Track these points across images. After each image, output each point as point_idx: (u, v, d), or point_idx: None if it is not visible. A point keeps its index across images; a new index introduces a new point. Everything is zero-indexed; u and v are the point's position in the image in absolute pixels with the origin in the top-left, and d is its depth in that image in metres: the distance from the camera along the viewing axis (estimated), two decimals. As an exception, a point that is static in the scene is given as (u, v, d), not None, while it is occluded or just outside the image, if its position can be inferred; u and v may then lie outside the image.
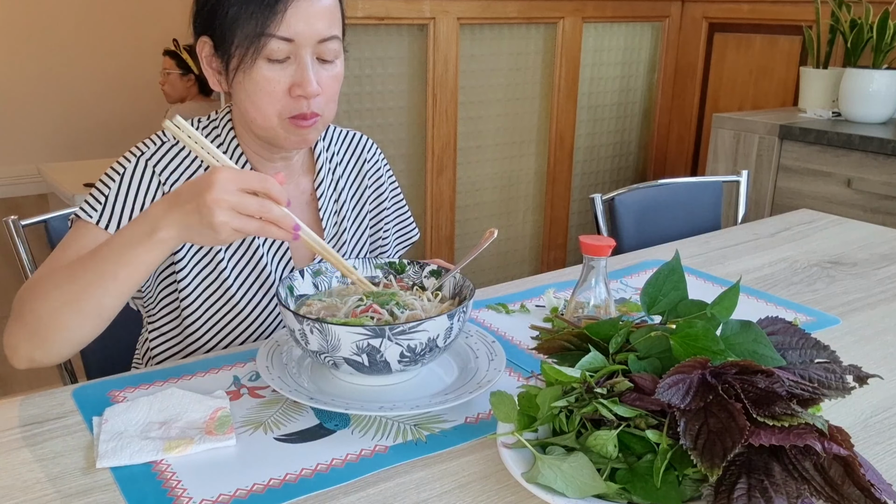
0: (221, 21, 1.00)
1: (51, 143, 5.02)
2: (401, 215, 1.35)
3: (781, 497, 0.63)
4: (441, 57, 2.66)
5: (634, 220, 1.81)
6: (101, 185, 1.06)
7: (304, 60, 1.00)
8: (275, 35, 0.98)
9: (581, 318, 1.05)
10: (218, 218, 0.80)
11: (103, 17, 4.96)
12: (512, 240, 3.13)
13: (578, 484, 0.68)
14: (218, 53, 1.04)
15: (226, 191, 0.80)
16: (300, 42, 0.99)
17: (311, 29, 0.99)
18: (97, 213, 1.03)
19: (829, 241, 1.60)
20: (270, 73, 1.00)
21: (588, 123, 3.17)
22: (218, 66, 1.05)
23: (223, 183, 0.80)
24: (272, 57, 0.99)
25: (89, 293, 0.88)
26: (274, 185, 0.83)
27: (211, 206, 0.80)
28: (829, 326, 1.16)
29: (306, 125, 1.04)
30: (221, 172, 0.81)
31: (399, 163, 2.73)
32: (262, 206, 0.82)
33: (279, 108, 1.02)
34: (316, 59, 1.02)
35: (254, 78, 1.00)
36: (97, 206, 1.04)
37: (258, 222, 0.83)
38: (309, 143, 1.08)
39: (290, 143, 1.06)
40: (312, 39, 1.00)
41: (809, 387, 0.72)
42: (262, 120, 1.03)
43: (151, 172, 1.07)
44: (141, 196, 1.06)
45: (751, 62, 3.06)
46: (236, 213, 0.81)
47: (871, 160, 2.27)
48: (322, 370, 0.97)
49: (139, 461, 0.78)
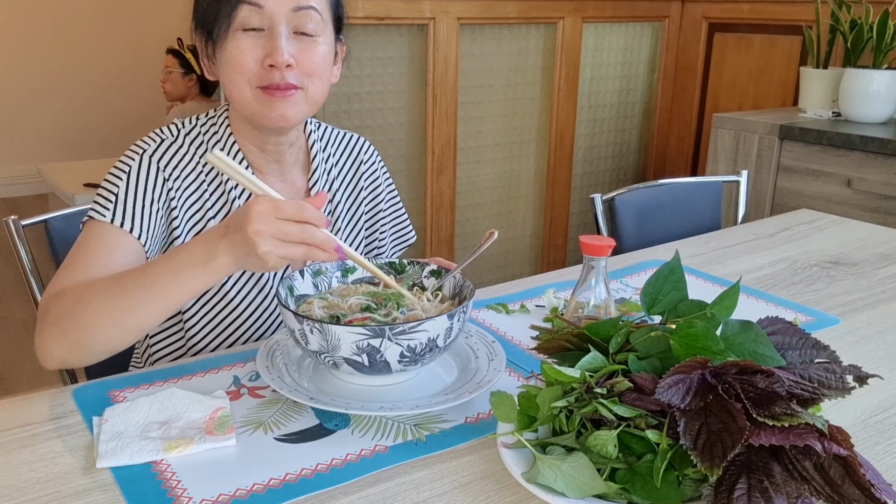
0: (204, 4, 1.02)
1: (51, 143, 5.02)
2: (397, 217, 1.35)
3: (781, 497, 0.63)
4: (441, 57, 2.66)
5: (634, 220, 1.81)
6: (109, 185, 1.06)
7: (276, 30, 1.00)
8: (245, 1, 0.98)
9: (581, 318, 1.05)
10: (262, 248, 0.81)
11: (103, 17, 4.97)
12: (512, 240, 3.13)
13: (578, 484, 0.68)
14: (207, 40, 1.05)
15: (264, 222, 0.81)
16: (271, 9, 0.99)
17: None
18: (110, 213, 1.03)
19: (829, 241, 1.60)
20: (244, 43, 1.00)
21: (588, 123, 3.17)
22: (208, 53, 1.06)
23: (261, 214, 0.81)
24: (246, 26, 1.00)
25: (136, 310, 0.89)
26: (311, 212, 0.83)
27: (253, 238, 0.81)
28: (829, 326, 1.16)
29: (280, 94, 1.02)
30: (258, 204, 0.82)
31: (399, 163, 2.73)
32: (303, 233, 0.82)
33: (250, 77, 1.02)
34: (294, 32, 1.02)
35: (228, 49, 1.01)
36: (108, 206, 1.04)
37: (303, 248, 0.83)
38: (289, 120, 1.05)
39: (268, 119, 1.04)
40: (285, 6, 1.00)
41: (809, 387, 0.72)
42: (237, 92, 1.03)
43: (156, 168, 1.08)
44: (150, 192, 1.06)
45: (751, 62, 3.06)
46: (279, 242, 0.82)
47: (871, 160, 2.27)
48: (322, 370, 0.97)
49: (139, 461, 0.78)
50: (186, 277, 0.87)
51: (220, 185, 1.12)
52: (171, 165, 1.09)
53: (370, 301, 0.96)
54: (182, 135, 1.12)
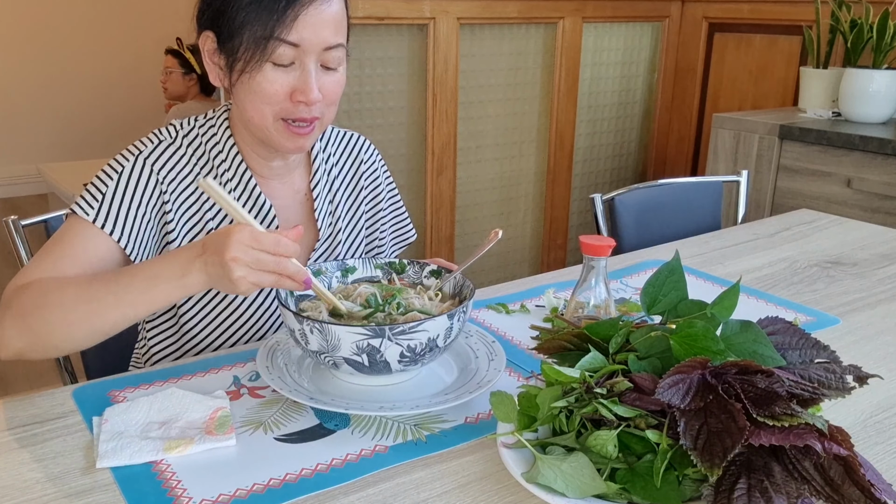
0: (230, 21, 1.01)
1: (51, 143, 5.02)
2: (397, 216, 1.35)
3: (781, 497, 0.63)
4: (441, 57, 2.66)
5: (634, 220, 1.81)
6: (99, 183, 1.05)
7: (308, 67, 1.01)
8: (282, 40, 0.99)
9: (581, 318, 1.05)
10: (236, 274, 0.84)
11: (103, 18, 4.97)
12: (512, 240, 3.13)
13: (578, 484, 0.68)
14: (222, 51, 1.04)
15: (242, 251, 0.84)
16: (306, 48, 1.00)
17: (318, 37, 1.00)
18: (94, 211, 1.03)
19: (829, 241, 1.60)
20: (274, 76, 1.01)
21: (588, 123, 3.17)
22: (220, 62, 1.05)
23: (240, 243, 0.84)
24: (277, 61, 1.00)
25: (104, 316, 0.91)
26: (286, 247, 0.86)
27: (230, 264, 0.84)
28: (829, 326, 1.16)
29: (304, 132, 1.04)
30: (239, 233, 0.84)
31: (399, 163, 2.73)
32: (277, 264, 0.86)
33: (277, 109, 1.03)
34: (319, 66, 1.03)
35: (257, 80, 1.01)
36: (94, 204, 1.03)
37: (274, 276, 0.86)
38: (305, 149, 1.08)
39: (285, 148, 1.07)
40: (318, 47, 1.01)
41: (809, 387, 0.72)
42: (259, 120, 1.04)
43: (150, 171, 1.07)
44: (138, 196, 1.06)
45: (751, 62, 3.06)
46: (253, 270, 0.85)
47: (871, 160, 2.27)
48: (322, 370, 0.97)
49: (139, 461, 0.78)
50: (158, 289, 0.89)
51: (219, 186, 1.11)
52: (167, 169, 1.08)
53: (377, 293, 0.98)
54: (180, 137, 1.11)
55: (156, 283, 0.89)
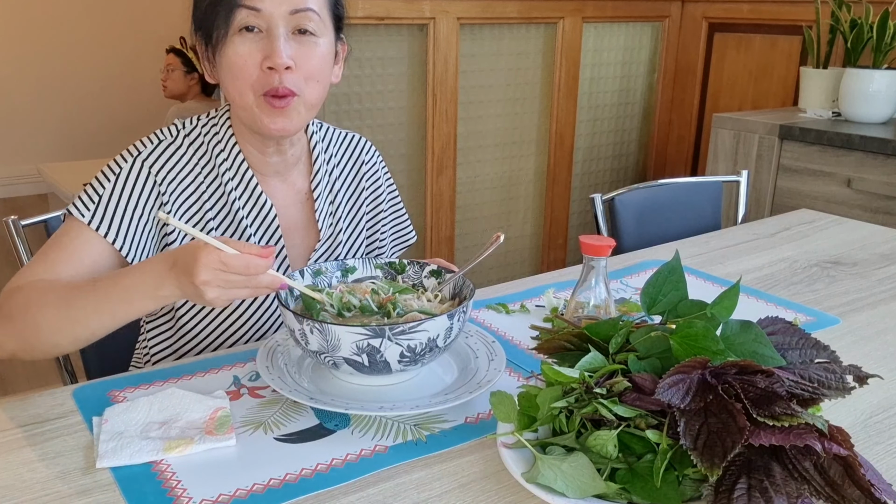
0: (203, 6, 1.03)
1: (51, 143, 5.02)
2: (398, 217, 1.35)
3: (781, 497, 0.63)
4: (441, 57, 2.66)
5: (634, 220, 1.81)
6: (97, 184, 1.06)
7: (275, 32, 1.01)
8: (243, 5, 0.99)
9: (581, 318, 1.05)
10: (209, 295, 0.85)
11: (104, 17, 4.96)
12: (512, 240, 3.13)
13: (578, 484, 0.68)
14: (206, 43, 1.05)
15: (212, 275, 0.84)
16: (269, 11, 1.00)
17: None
18: (90, 214, 1.03)
19: (829, 241, 1.60)
20: (242, 46, 1.01)
21: (588, 123, 3.17)
22: (208, 56, 1.06)
23: (207, 266, 0.83)
24: (243, 25, 1.00)
25: (84, 323, 0.92)
26: (258, 266, 0.85)
27: (201, 287, 0.84)
28: (829, 326, 1.16)
29: (280, 105, 1.03)
30: (206, 257, 0.83)
31: (399, 163, 2.73)
32: (248, 280, 0.86)
33: (252, 82, 1.02)
34: (293, 32, 1.02)
35: (227, 54, 1.02)
36: (90, 206, 1.04)
37: (248, 290, 0.87)
38: (290, 129, 1.06)
39: (268, 130, 1.05)
40: (282, 8, 1.00)
41: (809, 387, 0.72)
42: (239, 98, 1.04)
43: (147, 173, 1.07)
44: (135, 199, 1.06)
45: (751, 62, 3.06)
46: (224, 289, 0.85)
47: (871, 160, 2.27)
48: (322, 370, 0.97)
49: (139, 461, 0.78)
50: (134, 300, 0.90)
51: (220, 185, 1.11)
52: (166, 170, 1.08)
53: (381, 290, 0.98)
54: (182, 136, 1.11)
55: (131, 295, 0.90)
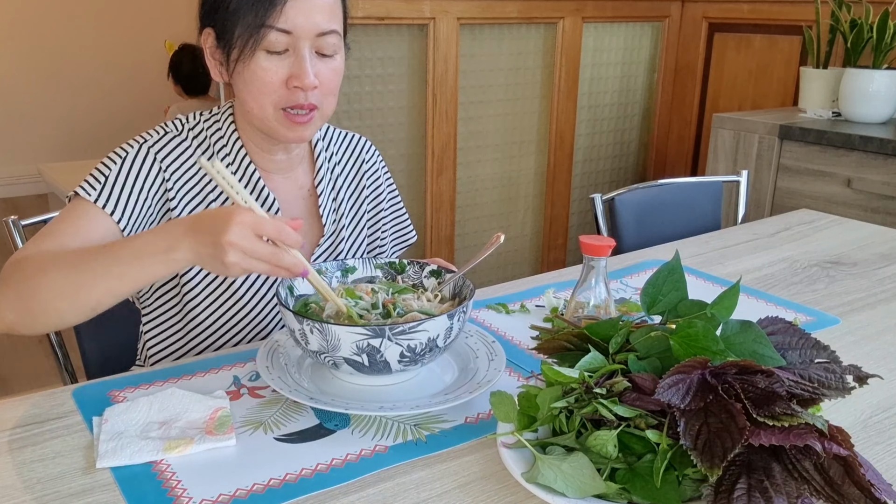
0: (223, 12, 1.03)
1: (51, 143, 5.01)
2: (398, 217, 1.35)
3: (781, 497, 0.63)
4: (441, 57, 2.66)
5: (634, 220, 1.81)
6: (102, 167, 1.07)
7: (302, 53, 1.02)
8: (274, 27, 1.00)
9: (581, 318, 1.05)
10: (229, 258, 0.82)
11: (104, 18, 4.96)
12: (512, 240, 3.13)
13: (578, 484, 0.68)
14: (220, 45, 1.06)
15: (241, 235, 0.82)
16: (298, 34, 1.01)
17: (310, 22, 1.01)
18: (96, 192, 1.04)
19: (829, 241, 1.60)
20: (268, 63, 1.02)
21: (588, 123, 3.17)
22: (220, 57, 1.07)
23: (240, 227, 0.82)
24: (271, 48, 1.01)
25: (90, 286, 0.89)
26: (289, 235, 0.84)
27: (225, 247, 0.82)
28: (829, 326, 1.16)
29: (302, 120, 1.05)
30: (241, 215, 0.82)
31: (399, 163, 2.73)
32: (273, 255, 0.84)
33: (275, 98, 1.03)
34: (315, 52, 1.04)
35: (252, 68, 1.02)
36: (96, 186, 1.04)
37: (267, 265, 0.84)
38: (306, 139, 1.09)
39: (286, 138, 1.07)
40: (311, 33, 1.02)
41: (809, 387, 0.72)
42: (259, 110, 1.05)
43: (153, 158, 1.08)
44: (140, 180, 1.06)
45: (751, 62, 3.06)
46: (247, 256, 0.83)
47: (871, 160, 2.27)
48: (322, 370, 0.97)
49: (139, 461, 0.78)
50: (143, 263, 0.87)
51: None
52: (171, 158, 1.09)
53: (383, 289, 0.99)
54: (185, 129, 1.13)
55: (141, 256, 0.87)
